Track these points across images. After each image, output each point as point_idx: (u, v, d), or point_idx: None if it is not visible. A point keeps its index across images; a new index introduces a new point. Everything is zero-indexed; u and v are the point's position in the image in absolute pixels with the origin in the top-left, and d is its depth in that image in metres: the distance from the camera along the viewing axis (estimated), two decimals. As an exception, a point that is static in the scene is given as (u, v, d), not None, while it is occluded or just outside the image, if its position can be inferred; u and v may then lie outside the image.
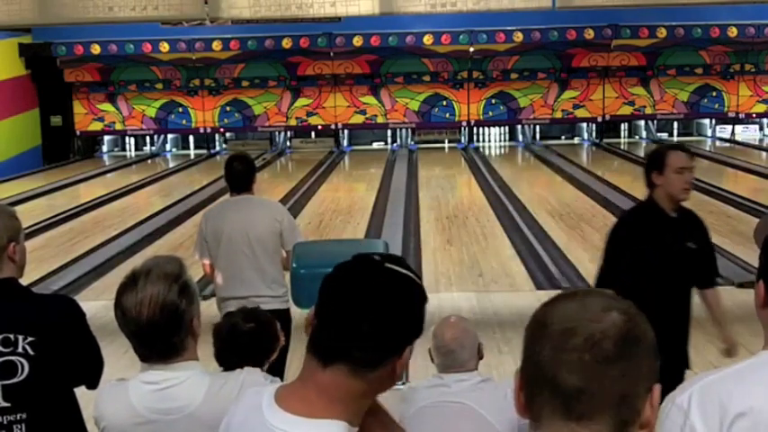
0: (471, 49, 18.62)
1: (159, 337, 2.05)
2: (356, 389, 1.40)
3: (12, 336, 2.42)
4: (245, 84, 19.62)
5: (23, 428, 2.42)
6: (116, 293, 2.09)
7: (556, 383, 1.12)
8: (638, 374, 1.14)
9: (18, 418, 2.41)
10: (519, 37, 18.27)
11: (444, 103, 19.94)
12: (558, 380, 1.12)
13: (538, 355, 1.15)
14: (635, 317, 1.16)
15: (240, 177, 4.61)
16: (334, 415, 1.39)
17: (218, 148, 20.39)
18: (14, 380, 2.41)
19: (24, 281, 2.60)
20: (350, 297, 1.41)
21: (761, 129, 20.68)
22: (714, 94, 19.98)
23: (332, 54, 18.77)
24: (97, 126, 20.07)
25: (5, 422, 2.41)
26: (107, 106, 19.91)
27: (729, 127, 20.58)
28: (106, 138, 20.64)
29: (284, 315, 4.56)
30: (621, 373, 1.12)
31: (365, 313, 1.39)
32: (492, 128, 20.71)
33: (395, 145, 20.28)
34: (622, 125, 21.04)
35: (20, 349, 2.42)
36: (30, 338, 2.42)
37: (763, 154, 18.08)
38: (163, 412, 2.08)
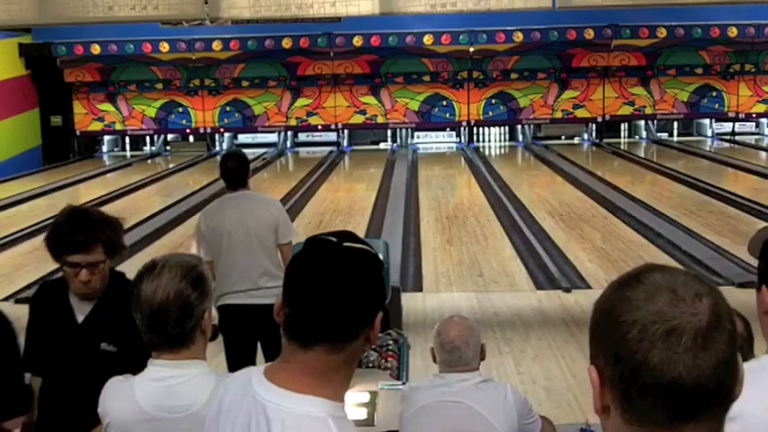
0: (471, 49, 18.60)
1: (169, 322, 2.09)
2: (336, 362, 1.49)
3: None
4: (245, 84, 19.60)
5: None
6: (134, 279, 2.17)
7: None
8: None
9: None
10: (519, 37, 18.25)
11: (444, 103, 19.92)
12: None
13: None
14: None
15: (235, 175, 4.79)
16: (319, 390, 1.47)
17: (218, 149, 20.38)
18: None
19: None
20: (319, 280, 1.48)
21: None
22: (714, 94, 19.96)
23: (332, 54, 18.75)
24: (97, 126, 20.05)
25: None
26: (107, 106, 19.90)
27: (728, 124, 20.60)
28: (106, 138, 20.64)
29: None
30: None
31: (336, 293, 1.47)
32: (492, 128, 20.72)
33: (395, 145, 20.29)
34: (622, 125, 21.01)
35: None
36: None
37: (763, 154, 18.08)
38: (168, 410, 2.09)
